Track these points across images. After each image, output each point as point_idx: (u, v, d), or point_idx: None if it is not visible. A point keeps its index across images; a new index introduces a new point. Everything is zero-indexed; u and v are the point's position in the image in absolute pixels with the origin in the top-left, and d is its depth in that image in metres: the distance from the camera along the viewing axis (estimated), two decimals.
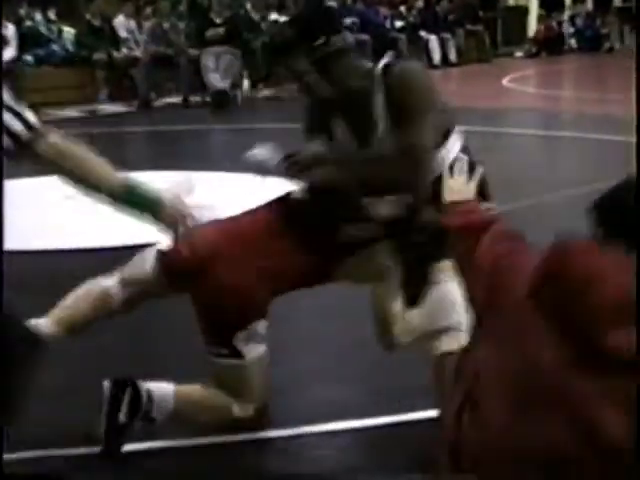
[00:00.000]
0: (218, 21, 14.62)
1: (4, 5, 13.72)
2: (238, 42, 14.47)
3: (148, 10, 15.36)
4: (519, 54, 22.31)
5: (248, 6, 15.87)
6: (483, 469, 1.87)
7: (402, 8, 19.45)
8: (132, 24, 14.92)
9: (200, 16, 15.25)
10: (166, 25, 14.57)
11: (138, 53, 14.58)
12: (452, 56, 19.30)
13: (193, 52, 14.30)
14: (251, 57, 14.83)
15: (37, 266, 5.94)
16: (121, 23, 14.77)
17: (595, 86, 16.98)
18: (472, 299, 2.11)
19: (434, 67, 18.34)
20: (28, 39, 14.00)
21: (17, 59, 13.71)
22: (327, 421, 3.67)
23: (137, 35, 14.85)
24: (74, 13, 15.43)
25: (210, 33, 14.35)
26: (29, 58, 14.01)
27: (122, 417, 3.36)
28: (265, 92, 15.08)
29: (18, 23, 13.83)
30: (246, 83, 15.13)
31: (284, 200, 3.55)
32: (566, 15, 23.90)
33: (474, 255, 2.09)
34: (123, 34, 14.66)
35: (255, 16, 15.67)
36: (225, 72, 14.12)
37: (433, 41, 18.93)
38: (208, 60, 14.11)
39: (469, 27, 20.19)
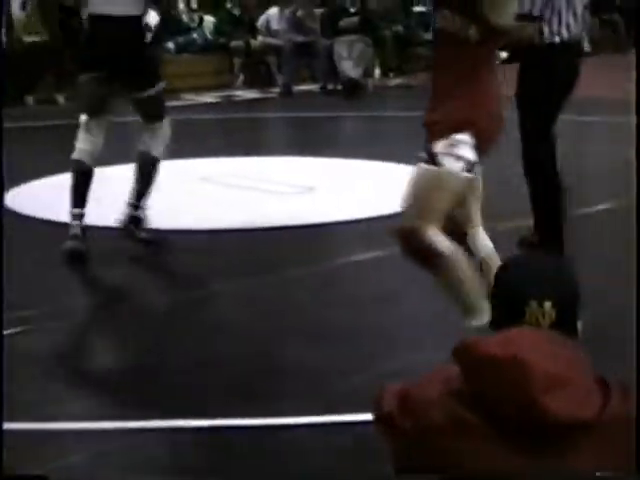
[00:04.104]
0: (351, 10, 14.87)
1: None
2: (370, 31, 14.68)
3: None
4: None
5: None
6: None
7: None
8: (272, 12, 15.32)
9: (333, 5, 15.51)
10: (299, 13, 14.85)
11: (274, 41, 14.92)
12: (585, 45, 19.07)
13: (326, 41, 14.57)
14: (382, 46, 15.02)
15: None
16: (274, 15, 15.17)
17: None
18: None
19: None
20: (170, 27, 14.45)
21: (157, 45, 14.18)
22: None
23: (274, 24, 15.19)
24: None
25: (344, 22, 14.59)
26: (170, 45, 14.47)
27: None
28: (396, 80, 15.25)
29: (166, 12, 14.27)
30: (377, 71, 15.33)
31: None
32: None
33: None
34: (274, 26, 15.04)
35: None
36: (357, 60, 14.33)
37: None
38: (341, 48, 14.35)
39: (604, 16, 19.92)
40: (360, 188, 7.59)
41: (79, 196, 5.81)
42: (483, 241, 4.13)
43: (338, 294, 5.24)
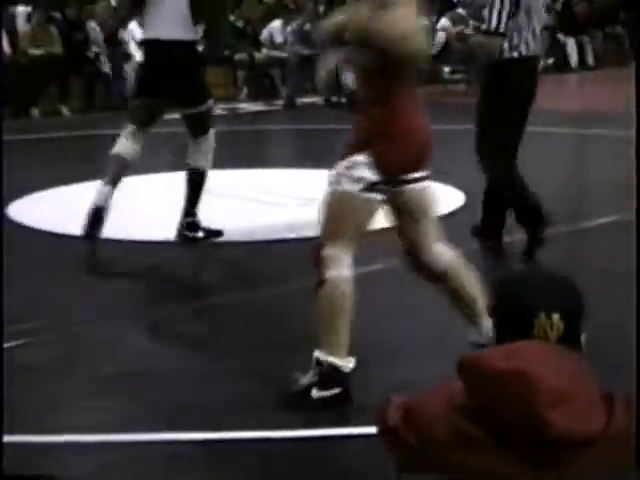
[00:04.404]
0: None
1: None
2: None
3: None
4: None
5: None
6: None
7: None
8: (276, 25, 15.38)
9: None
10: (307, 27, 14.88)
11: (277, 54, 14.95)
12: (590, 59, 19.11)
13: None
14: None
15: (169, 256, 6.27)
16: (278, 28, 15.23)
17: None
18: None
19: (570, 70, 18.26)
20: None
21: None
22: None
23: (278, 36, 15.23)
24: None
25: (347, 35, 14.60)
26: None
27: None
28: None
29: None
30: None
31: None
32: None
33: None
34: (278, 39, 15.09)
35: None
36: None
37: (571, 44, 18.79)
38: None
39: (608, 30, 19.96)
40: None
41: (114, 178, 6.13)
42: (443, 253, 4.14)
43: None
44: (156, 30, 6.09)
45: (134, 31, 14.09)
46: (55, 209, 7.38)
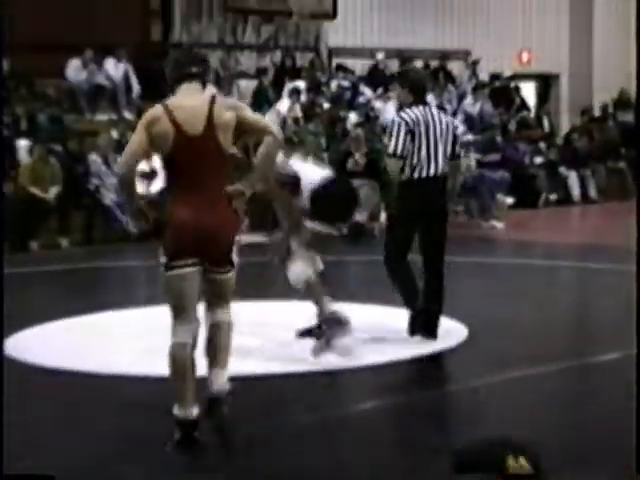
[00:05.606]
0: (357, 154, 15.01)
1: None
2: (376, 175, 14.77)
3: None
4: None
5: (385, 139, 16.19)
6: None
7: (542, 144, 19.53)
8: None
9: (338, 148, 15.67)
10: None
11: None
12: (592, 193, 19.18)
13: None
14: (388, 189, 15.10)
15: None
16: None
17: None
18: None
19: (573, 204, 18.36)
20: None
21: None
22: None
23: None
24: None
25: (350, 165, 14.71)
26: None
27: None
28: None
29: None
30: (383, 215, 15.35)
31: None
32: None
33: None
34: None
35: None
36: (363, 205, 14.36)
37: (573, 177, 18.91)
38: None
39: (610, 165, 20.09)
40: (365, 334, 7.48)
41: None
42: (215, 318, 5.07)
43: (337, 444, 5.09)
44: None
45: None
46: (53, 343, 7.29)
